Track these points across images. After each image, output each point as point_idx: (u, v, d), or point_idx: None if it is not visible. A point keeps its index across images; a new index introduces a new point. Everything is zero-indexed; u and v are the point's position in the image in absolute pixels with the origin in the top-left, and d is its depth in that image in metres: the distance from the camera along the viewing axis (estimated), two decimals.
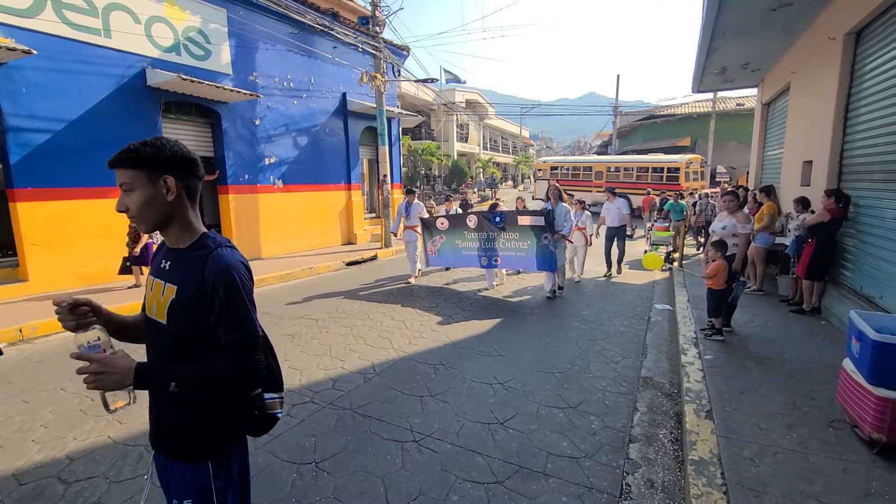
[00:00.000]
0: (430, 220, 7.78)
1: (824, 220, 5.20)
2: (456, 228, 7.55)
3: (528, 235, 6.87)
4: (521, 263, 7.15)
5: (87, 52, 7.18)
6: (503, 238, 7.09)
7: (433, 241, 7.79)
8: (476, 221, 7.30)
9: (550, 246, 6.66)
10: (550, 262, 6.73)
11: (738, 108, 22.33)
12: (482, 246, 7.31)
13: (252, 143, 9.98)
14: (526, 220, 6.83)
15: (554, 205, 6.80)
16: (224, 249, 1.35)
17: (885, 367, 2.69)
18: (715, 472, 2.60)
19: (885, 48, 4.78)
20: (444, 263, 8.14)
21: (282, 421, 3.35)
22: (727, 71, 9.74)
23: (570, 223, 6.81)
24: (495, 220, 7.10)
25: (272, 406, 1.53)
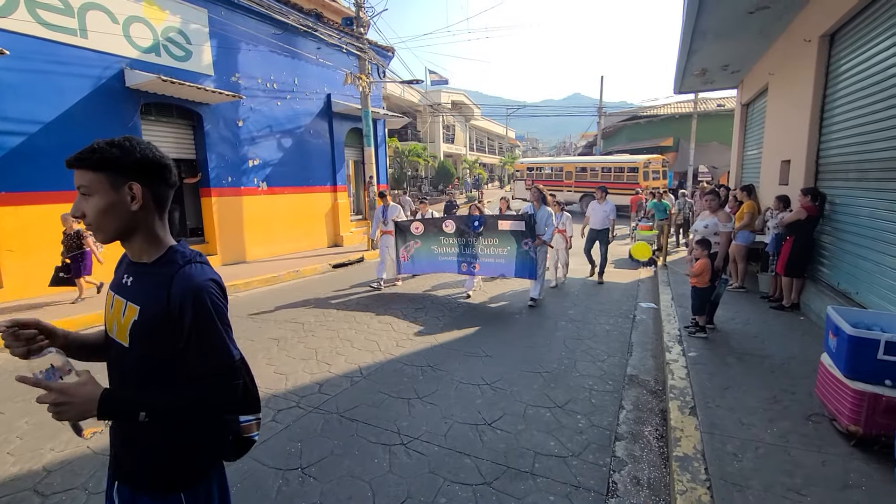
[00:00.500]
0: (405, 224, 7.37)
1: (801, 218, 5.32)
2: (431, 233, 7.18)
3: (507, 241, 6.59)
4: (501, 270, 6.78)
5: (63, 52, 7.01)
6: (482, 243, 6.79)
7: (406, 247, 7.37)
8: (453, 226, 6.95)
9: (531, 252, 6.38)
10: (531, 269, 6.43)
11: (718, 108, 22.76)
12: (460, 252, 6.99)
13: (235, 145, 9.85)
14: (506, 225, 6.57)
15: (536, 207, 6.51)
16: (194, 266, 1.21)
17: (860, 361, 2.76)
18: (699, 468, 2.64)
19: (857, 51, 4.92)
20: (417, 270, 7.60)
21: (267, 426, 3.31)
22: (707, 72, 9.92)
23: (551, 227, 6.48)
24: (474, 224, 6.77)
25: (248, 429, 1.42)
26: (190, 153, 9.34)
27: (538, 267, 6.41)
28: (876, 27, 4.52)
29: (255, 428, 1.44)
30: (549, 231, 6.42)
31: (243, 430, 1.41)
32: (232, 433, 1.38)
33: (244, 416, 1.41)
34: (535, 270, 6.39)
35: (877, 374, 2.72)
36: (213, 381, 1.19)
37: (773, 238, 6.02)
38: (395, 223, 7.43)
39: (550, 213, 6.50)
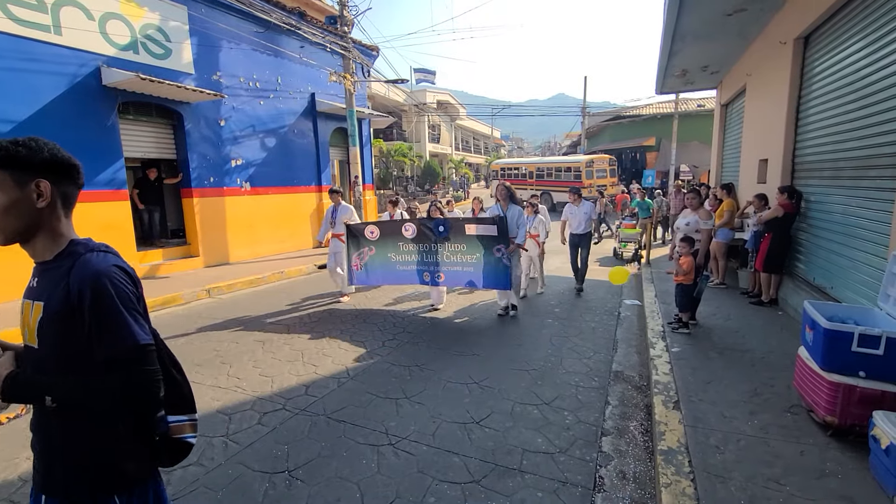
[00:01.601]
0: (358, 228, 6.45)
1: (779, 216, 5.46)
2: (389, 239, 6.25)
3: (476, 247, 5.84)
4: (469, 279, 5.96)
5: (36, 49, 6.80)
6: (448, 250, 5.98)
7: (360, 254, 6.44)
8: (414, 231, 6.08)
9: (504, 259, 5.65)
10: (504, 279, 5.70)
11: (698, 108, 23.20)
12: (423, 259, 6.13)
13: (217, 145, 9.69)
14: (474, 230, 5.79)
15: (504, 207, 5.80)
16: (94, 254, 1.19)
17: (835, 354, 2.85)
18: (683, 461, 2.69)
19: (830, 53, 5.07)
20: (372, 282, 6.66)
21: (253, 430, 3.27)
22: (688, 73, 10.11)
23: (524, 228, 5.79)
24: (438, 229, 5.93)
25: (179, 430, 1.34)
26: (170, 153, 9.16)
27: (512, 275, 5.75)
28: (847, 30, 4.66)
29: (188, 429, 1.36)
30: (522, 231, 5.79)
31: (173, 430, 1.33)
32: (160, 434, 1.31)
33: (174, 416, 1.33)
34: (509, 280, 5.70)
35: (851, 365, 2.81)
36: (121, 368, 1.15)
37: (752, 235, 6.16)
38: (346, 227, 6.43)
39: (521, 211, 5.87)
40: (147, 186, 9.06)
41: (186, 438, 1.36)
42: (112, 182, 7.78)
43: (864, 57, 4.29)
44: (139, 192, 8.93)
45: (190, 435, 1.37)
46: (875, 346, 2.74)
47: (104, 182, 7.66)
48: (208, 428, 3.32)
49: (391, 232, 6.25)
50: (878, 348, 2.73)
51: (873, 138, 4.13)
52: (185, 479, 2.74)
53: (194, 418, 1.38)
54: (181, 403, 1.36)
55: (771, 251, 5.56)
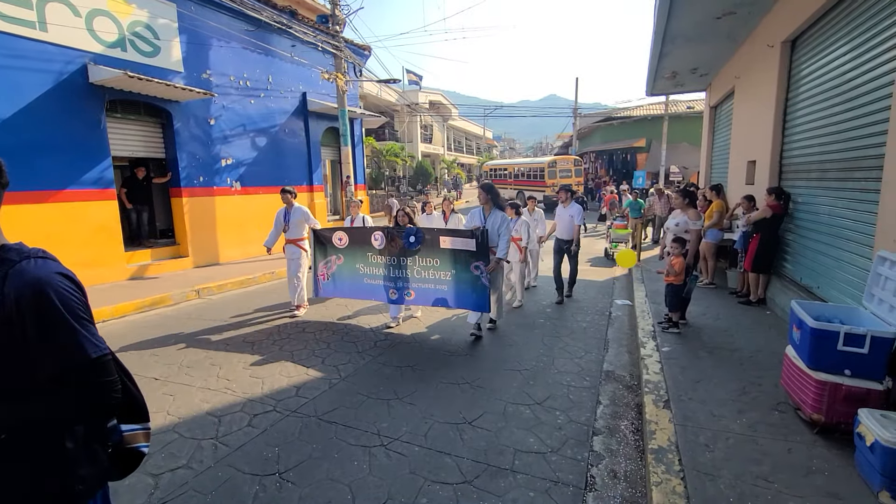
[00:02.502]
0: (326, 234, 5.82)
1: (767, 217, 5.54)
2: (358, 247, 5.59)
3: (452, 262, 5.12)
4: (442, 298, 5.29)
5: (21, 46, 6.68)
6: (418, 264, 5.28)
7: (327, 263, 5.83)
8: (383, 240, 5.38)
9: (483, 278, 4.93)
10: (481, 300, 5.01)
11: (688, 110, 23.44)
12: (390, 273, 5.43)
13: (207, 144, 9.59)
14: (449, 243, 5.09)
15: (487, 211, 5.13)
16: (32, 261, 1.07)
17: (822, 353, 2.89)
18: (673, 459, 2.71)
19: (816, 56, 5.15)
20: (339, 293, 5.98)
21: (243, 432, 3.24)
22: (678, 75, 10.22)
23: (505, 238, 5.03)
24: (408, 239, 5.23)
25: (133, 439, 1.27)
26: (159, 152, 9.05)
27: (492, 293, 5.06)
28: (833, 34, 4.74)
29: (141, 438, 1.30)
30: (504, 242, 4.99)
31: (126, 440, 1.26)
32: (113, 445, 1.22)
33: (127, 425, 1.26)
34: (487, 301, 5.00)
35: (837, 364, 2.85)
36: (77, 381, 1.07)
37: (741, 236, 6.24)
38: (313, 232, 5.94)
39: (505, 218, 5.11)
40: (135, 186, 8.94)
41: (139, 448, 1.29)
42: (99, 181, 7.66)
43: (849, 60, 4.37)
44: (127, 192, 8.81)
45: (143, 444, 1.30)
46: (860, 345, 2.78)
47: (91, 181, 7.54)
48: (198, 430, 3.29)
49: (361, 240, 5.58)
50: (863, 347, 2.78)
51: (858, 140, 4.20)
52: (174, 482, 2.71)
53: (147, 426, 1.32)
54: (134, 411, 1.28)
55: (759, 251, 5.64)
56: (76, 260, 7.13)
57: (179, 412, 3.56)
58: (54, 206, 7.03)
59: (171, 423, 3.38)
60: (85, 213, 7.44)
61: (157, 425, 3.35)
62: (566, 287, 6.79)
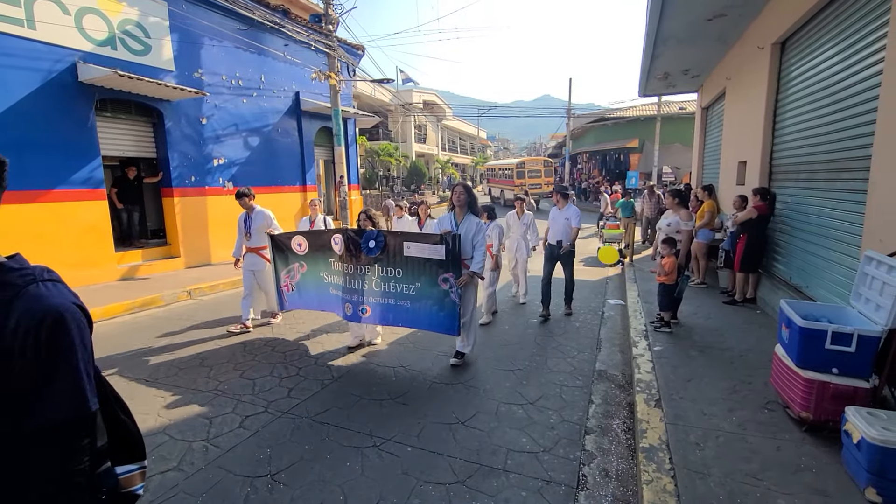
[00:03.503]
0: (284, 240, 5.24)
1: (753, 217, 5.61)
2: (319, 253, 4.96)
3: (417, 274, 4.32)
4: (404, 317, 4.50)
5: (8, 44, 6.59)
6: (378, 275, 4.48)
7: (289, 272, 5.23)
8: (342, 245, 4.65)
9: (452, 294, 4.15)
10: (450, 320, 4.20)
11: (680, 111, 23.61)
12: (347, 285, 4.67)
13: (199, 144, 9.52)
14: (415, 250, 4.30)
15: (460, 217, 4.32)
16: (44, 286, 0.93)
17: (810, 352, 2.92)
18: (664, 458, 2.73)
19: (805, 58, 5.20)
20: (306, 305, 5.38)
21: (234, 433, 3.23)
22: (670, 76, 10.28)
23: (481, 249, 4.21)
24: (367, 244, 4.44)
25: (129, 482, 1.13)
26: (150, 151, 8.97)
27: (462, 314, 4.21)
28: (822, 36, 4.79)
29: (138, 480, 1.16)
30: (480, 253, 4.20)
31: (123, 484, 1.11)
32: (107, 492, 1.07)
33: (123, 467, 1.13)
34: (457, 322, 4.19)
35: (825, 363, 2.89)
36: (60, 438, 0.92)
37: (729, 236, 6.30)
38: (270, 239, 5.33)
39: (480, 224, 4.32)
40: (126, 185, 8.85)
41: (135, 491, 1.15)
42: (89, 181, 7.58)
43: (838, 63, 4.42)
44: (117, 192, 8.72)
45: (139, 486, 1.16)
46: (847, 344, 2.82)
47: (81, 181, 7.46)
48: (188, 432, 3.26)
49: (321, 244, 4.94)
50: (851, 346, 2.81)
51: (846, 141, 4.25)
52: (164, 484, 2.69)
53: (144, 465, 1.19)
54: (130, 450, 1.15)
55: (747, 252, 5.70)
56: (66, 260, 7.06)
57: (170, 414, 3.53)
58: (43, 206, 6.94)
59: (162, 426, 3.36)
60: (75, 214, 7.36)
61: (147, 427, 3.32)
62: (564, 301, 6.10)
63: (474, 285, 4.37)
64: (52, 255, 6.86)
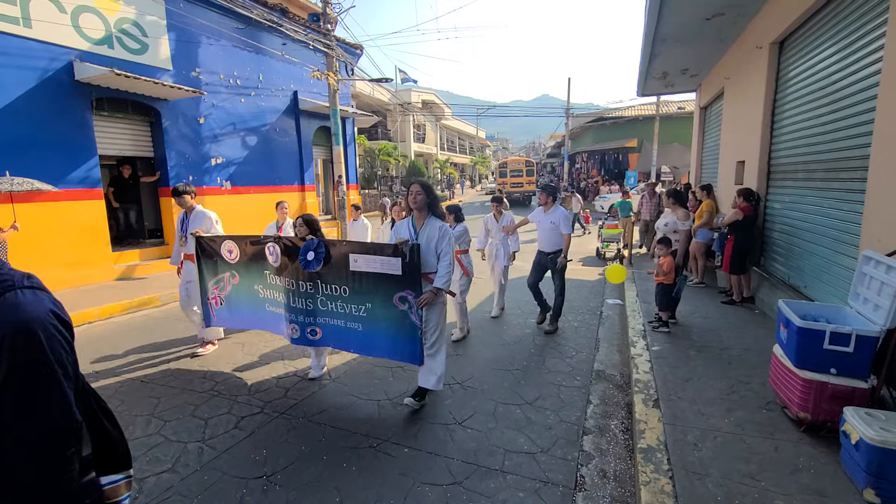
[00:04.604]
0: (212, 244, 4.48)
1: (739, 219, 5.62)
2: (253, 263, 4.24)
3: (366, 293, 3.60)
4: (357, 343, 3.79)
5: (3, 42, 6.57)
6: (322, 292, 3.78)
7: (219, 282, 4.48)
8: (277, 255, 3.96)
9: (412, 316, 3.42)
10: (411, 346, 3.49)
11: (679, 111, 23.64)
12: (290, 302, 3.94)
13: (196, 143, 9.49)
14: (364, 263, 3.54)
15: (419, 221, 3.55)
16: (21, 293, 0.90)
17: (808, 352, 2.91)
18: (662, 459, 2.72)
19: (804, 57, 5.20)
20: (237, 323, 4.69)
21: (230, 434, 3.21)
22: (668, 76, 10.28)
23: (447, 258, 3.44)
24: (305, 257, 3.71)
25: (114, 492, 1.11)
26: (147, 151, 8.94)
27: (426, 338, 3.47)
28: (820, 36, 4.79)
29: (123, 490, 1.14)
30: (446, 264, 3.44)
31: (107, 494, 1.10)
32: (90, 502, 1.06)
33: (108, 477, 1.11)
34: (419, 348, 3.46)
35: (823, 363, 2.88)
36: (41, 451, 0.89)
37: (718, 237, 6.32)
38: (197, 241, 4.53)
39: (444, 230, 3.50)
40: (123, 185, 8.83)
41: (121, 501, 1.14)
42: (86, 180, 7.55)
43: (836, 62, 4.42)
44: (114, 191, 8.70)
45: (125, 496, 1.15)
46: (845, 344, 2.81)
47: (77, 180, 7.43)
48: (183, 433, 3.24)
49: (255, 253, 4.21)
50: (849, 346, 2.80)
51: (843, 141, 4.25)
52: (160, 485, 2.67)
53: (130, 475, 1.17)
54: (115, 459, 1.13)
55: (734, 252, 5.72)
56: (62, 260, 7.03)
57: (165, 415, 3.51)
58: (39, 206, 6.91)
59: (157, 427, 3.34)
60: (71, 213, 7.33)
61: (142, 429, 3.31)
62: (549, 317, 5.38)
63: (441, 303, 3.57)
64: (48, 255, 6.84)
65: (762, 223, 6.18)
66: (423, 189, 3.55)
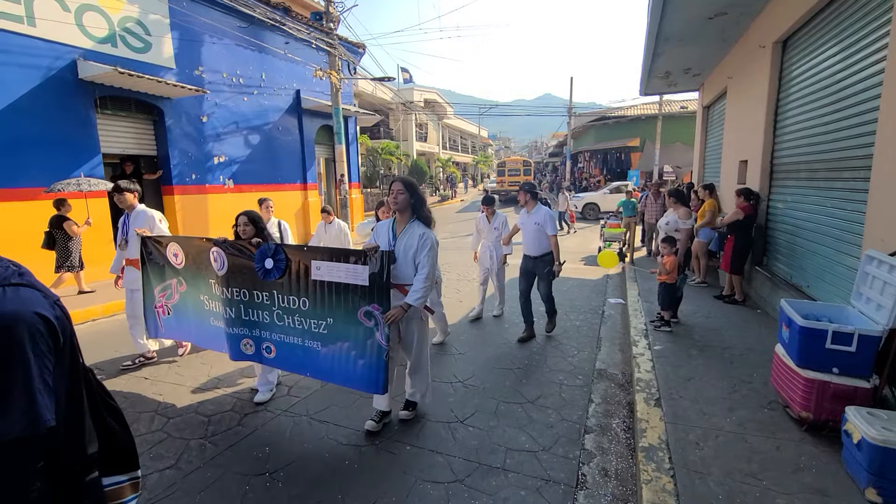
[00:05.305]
0: (157, 245, 3.97)
1: (739, 218, 5.62)
2: (199, 271, 3.70)
3: (328, 307, 3.12)
4: (313, 365, 3.25)
5: (8, 41, 6.59)
6: (279, 305, 3.27)
7: (165, 289, 3.97)
8: (223, 262, 3.42)
9: (378, 335, 2.97)
10: (371, 371, 3.02)
11: (681, 110, 23.57)
12: (240, 315, 3.41)
13: (199, 142, 9.52)
14: (325, 272, 3.08)
15: (400, 225, 3.13)
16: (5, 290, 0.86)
17: (810, 351, 2.91)
18: (663, 458, 2.73)
19: (806, 57, 5.18)
20: (185, 337, 4.17)
21: (233, 432, 3.22)
22: (671, 75, 10.25)
23: (426, 269, 3.02)
24: (263, 265, 3.24)
25: (117, 494, 1.07)
26: (150, 149, 8.97)
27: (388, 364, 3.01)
28: (823, 35, 4.77)
29: (128, 491, 1.10)
30: (422, 278, 3.02)
31: (110, 495, 1.06)
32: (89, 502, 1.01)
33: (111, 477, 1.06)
34: (382, 374, 3.00)
35: (825, 362, 2.88)
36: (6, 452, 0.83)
37: (716, 237, 6.33)
38: (141, 242, 4.04)
39: (426, 237, 3.07)
40: None
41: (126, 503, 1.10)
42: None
43: (839, 62, 4.40)
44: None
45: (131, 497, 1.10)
46: (848, 344, 2.81)
47: None
48: (186, 430, 3.26)
49: (200, 259, 3.66)
50: (851, 345, 2.80)
51: (846, 141, 4.23)
52: (162, 482, 2.69)
53: (136, 476, 1.11)
54: (121, 459, 1.09)
55: (735, 252, 5.72)
56: None
57: (168, 412, 3.53)
58: (44, 204, 6.94)
59: (160, 424, 3.36)
60: (76, 211, 7.35)
61: (145, 426, 3.33)
62: (547, 320, 5.16)
63: (418, 318, 3.18)
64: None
65: (765, 223, 6.17)
66: (406, 188, 3.09)
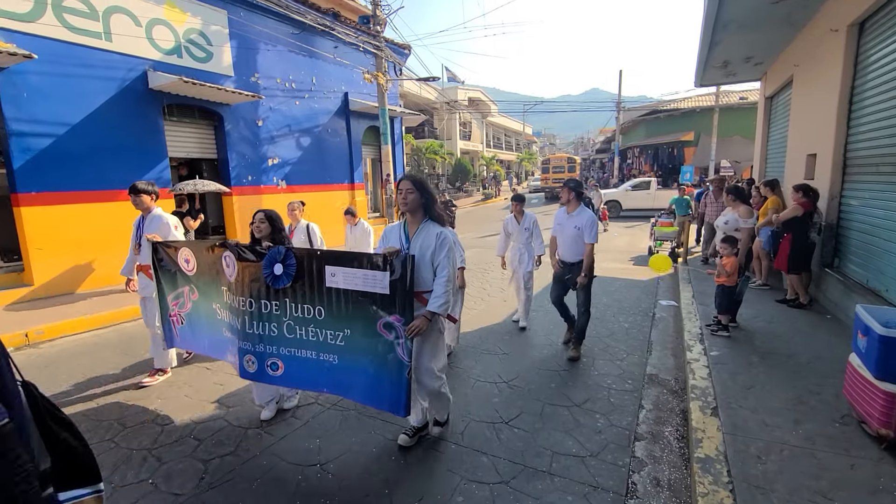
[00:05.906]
0: (169, 250, 3.70)
1: (798, 215, 5.25)
2: (211, 278, 3.44)
3: (346, 317, 2.86)
4: (328, 380, 2.98)
5: (88, 55, 7.22)
6: (291, 315, 2.98)
7: (178, 297, 3.74)
8: (234, 268, 3.12)
9: (399, 349, 2.71)
10: (393, 389, 2.76)
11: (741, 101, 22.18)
12: (246, 327, 3.10)
13: (255, 145, 10.02)
14: (341, 278, 2.81)
15: (412, 227, 2.87)
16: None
17: (892, 362, 2.67)
18: (721, 470, 2.59)
19: (887, 39, 4.73)
20: (199, 348, 3.83)
21: (286, 423, 3.37)
22: (730, 65, 9.66)
23: (446, 271, 2.74)
24: (272, 271, 2.95)
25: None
26: (211, 153, 9.54)
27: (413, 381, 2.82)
28: None
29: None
30: (442, 282, 2.74)
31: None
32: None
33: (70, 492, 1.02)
34: (404, 391, 2.72)
35: None
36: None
37: (768, 235, 5.94)
38: (153, 248, 3.77)
39: (444, 236, 2.80)
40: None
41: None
42: (158, 181, 8.12)
43: None
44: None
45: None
46: None
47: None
48: (244, 419, 3.45)
49: (212, 265, 3.39)
50: None
51: None
52: (222, 468, 2.86)
53: (99, 489, 1.07)
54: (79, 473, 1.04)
55: (795, 251, 5.34)
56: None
57: (228, 401, 3.75)
58: (120, 205, 7.56)
59: (221, 412, 3.57)
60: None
61: (207, 413, 3.55)
62: (573, 339, 4.56)
63: (437, 331, 2.87)
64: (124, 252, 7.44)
65: (836, 221, 5.70)
66: (416, 186, 2.82)
